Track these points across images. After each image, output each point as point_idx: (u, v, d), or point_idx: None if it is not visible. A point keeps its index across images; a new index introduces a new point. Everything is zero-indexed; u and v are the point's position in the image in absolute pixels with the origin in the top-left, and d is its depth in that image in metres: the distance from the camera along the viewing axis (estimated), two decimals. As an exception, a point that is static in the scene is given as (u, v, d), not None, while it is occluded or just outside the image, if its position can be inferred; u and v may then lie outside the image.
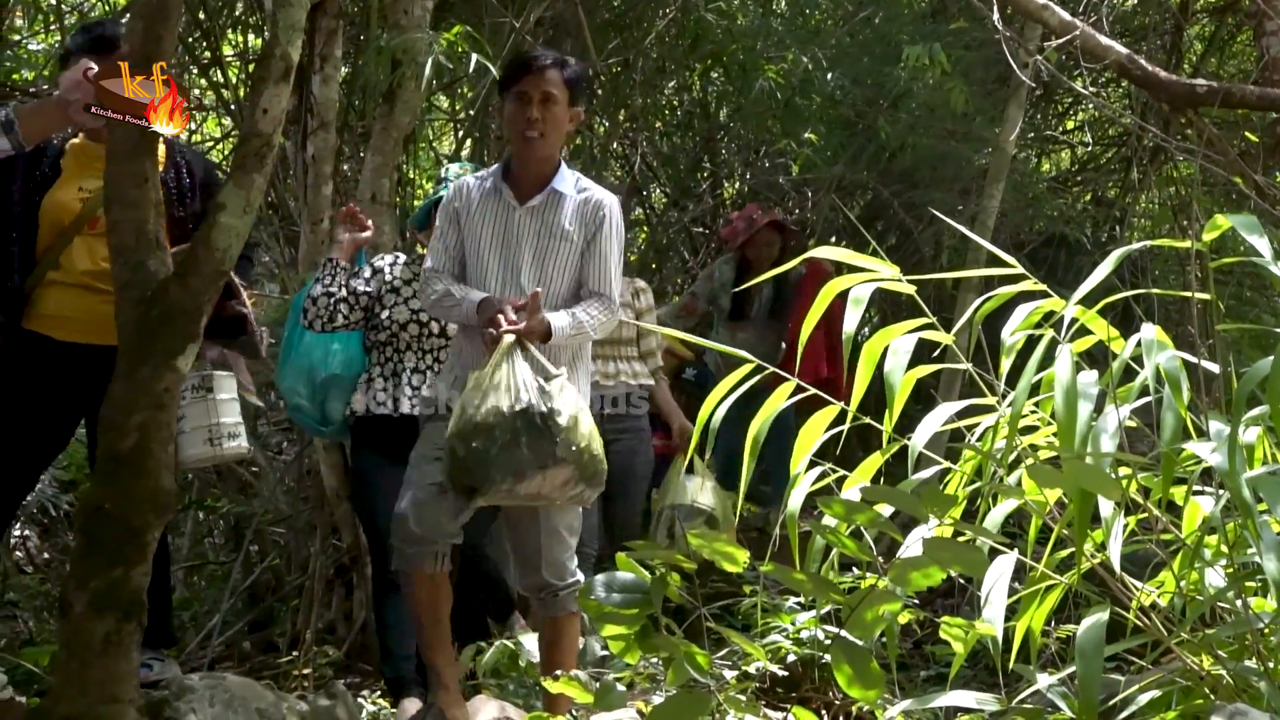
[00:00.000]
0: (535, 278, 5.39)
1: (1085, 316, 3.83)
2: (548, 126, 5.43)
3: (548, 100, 5.41)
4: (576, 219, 5.46)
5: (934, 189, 9.89)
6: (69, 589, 4.43)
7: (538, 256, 5.43)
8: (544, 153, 5.49)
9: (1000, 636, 3.71)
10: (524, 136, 5.43)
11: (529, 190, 5.50)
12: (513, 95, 5.45)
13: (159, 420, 4.40)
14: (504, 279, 5.41)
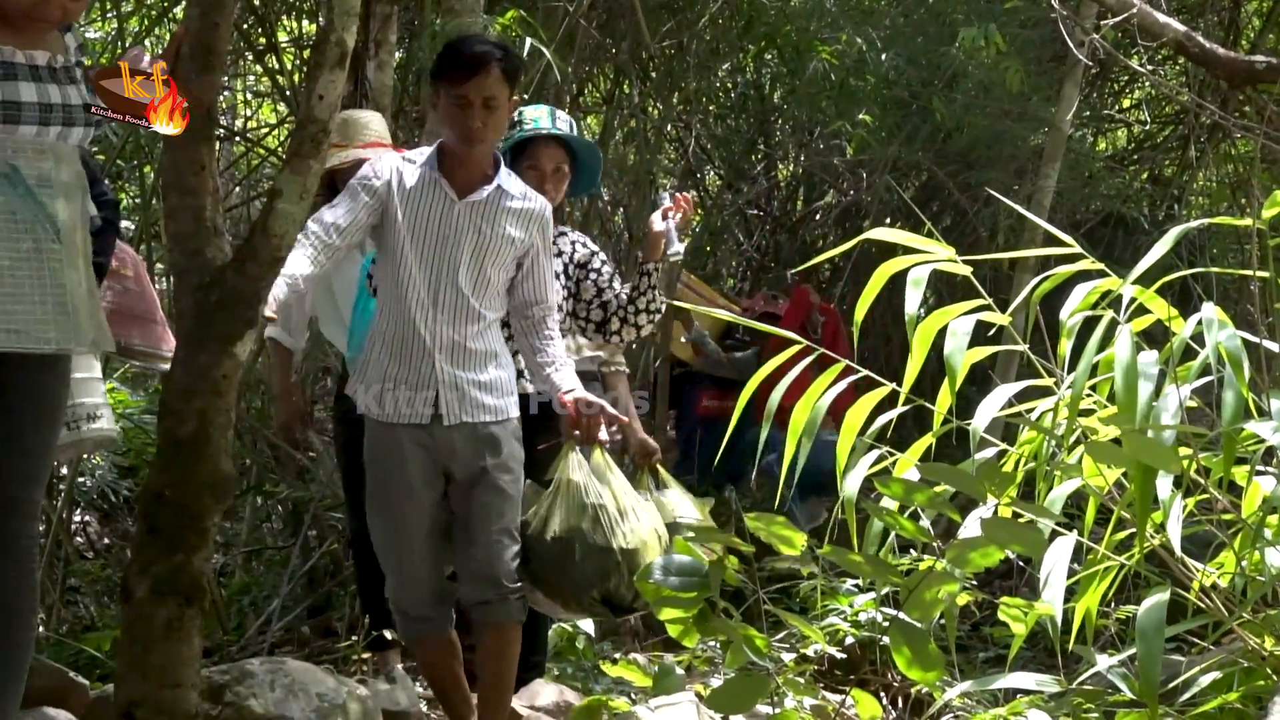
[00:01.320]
0: (473, 277, 5.09)
1: (1143, 296, 3.81)
2: (490, 131, 5.08)
3: (490, 104, 5.03)
4: (519, 222, 5.16)
5: (989, 169, 9.87)
6: (130, 574, 4.45)
7: (476, 255, 5.10)
8: (486, 153, 5.16)
9: (1060, 618, 3.69)
10: (466, 141, 5.06)
11: (468, 184, 5.14)
12: (452, 97, 5.04)
13: (218, 406, 4.41)
14: (436, 275, 5.05)
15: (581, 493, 4.94)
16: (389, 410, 5.04)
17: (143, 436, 9.68)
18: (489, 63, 5.01)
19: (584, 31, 8.92)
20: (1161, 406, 3.52)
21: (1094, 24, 8.39)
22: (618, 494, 4.99)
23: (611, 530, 4.86)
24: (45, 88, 4.10)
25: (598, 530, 4.88)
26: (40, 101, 4.08)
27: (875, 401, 3.92)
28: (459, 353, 5.06)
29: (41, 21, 4.07)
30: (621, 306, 5.84)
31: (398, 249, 5.07)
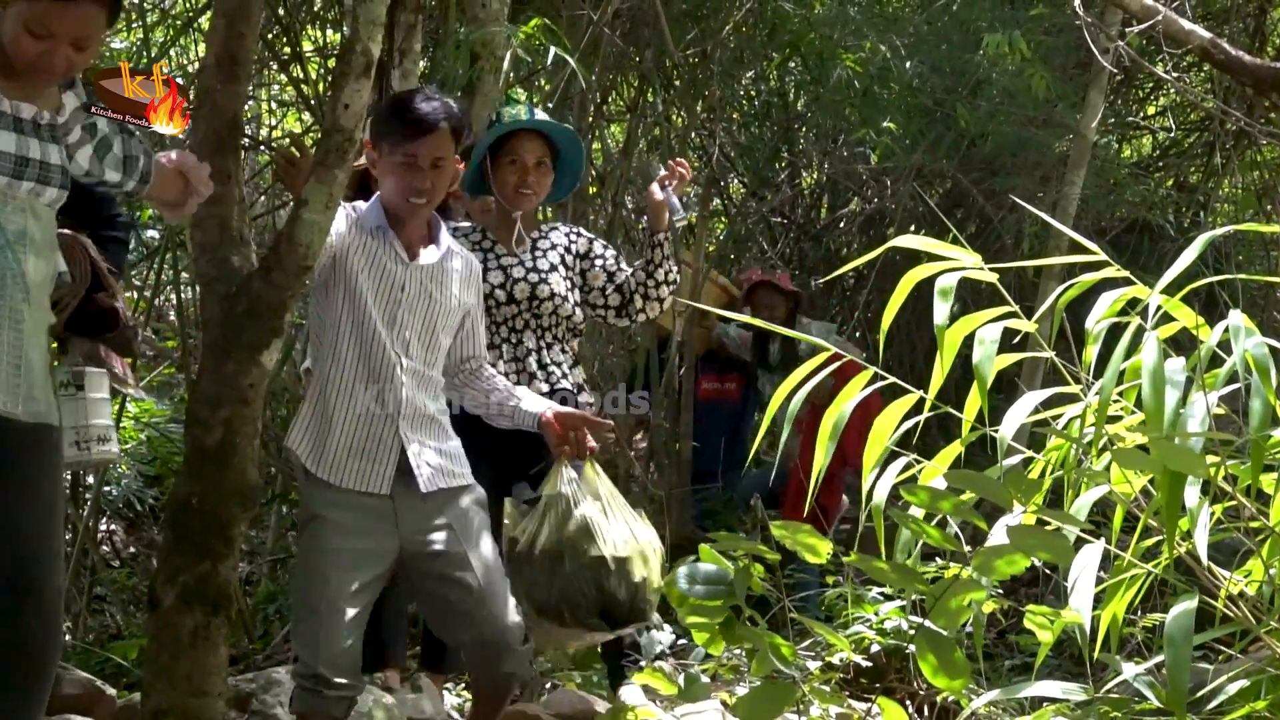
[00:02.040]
0: (425, 343, 4.84)
1: (1170, 303, 3.80)
2: (436, 192, 4.88)
3: (438, 164, 4.83)
4: (465, 285, 4.99)
5: (1014, 176, 9.87)
6: (157, 583, 4.47)
7: (428, 323, 4.86)
8: (429, 215, 4.94)
9: (1087, 625, 3.68)
10: (410, 202, 4.83)
11: (413, 246, 4.90)
12: (400, 154, 4.80)
13: (244, 415, 4.43)
14: (392, 340, 4.76)
15: (570, 505, 4.78)
16: (345, 479, 4.68)
17: (168, 446, 9.71)
18: (438, 122, 4.82)
19: (608, 40, 8.92)
20: (1189, 413, 3.51)
21: (1119, 31, 8.38)
22: (609, 504, 4.85)
23: (603, 539, 4.72)
24: (26, 140, 3.94)
25: (588, 541, 4.72)
26: (17, 154, 3.91)
27: (904, 409, 3.91)
28: (420, 420, 4.79)
29: (46, 74, 3.94)
30: (640, 284, 5.81)
31: (357, 309, 4.76)
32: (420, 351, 4.82)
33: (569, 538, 4.73)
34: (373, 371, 4.74)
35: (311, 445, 4.71)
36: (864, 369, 3.93)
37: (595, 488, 4.83)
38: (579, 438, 4.88)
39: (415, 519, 4.69)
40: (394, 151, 4.82)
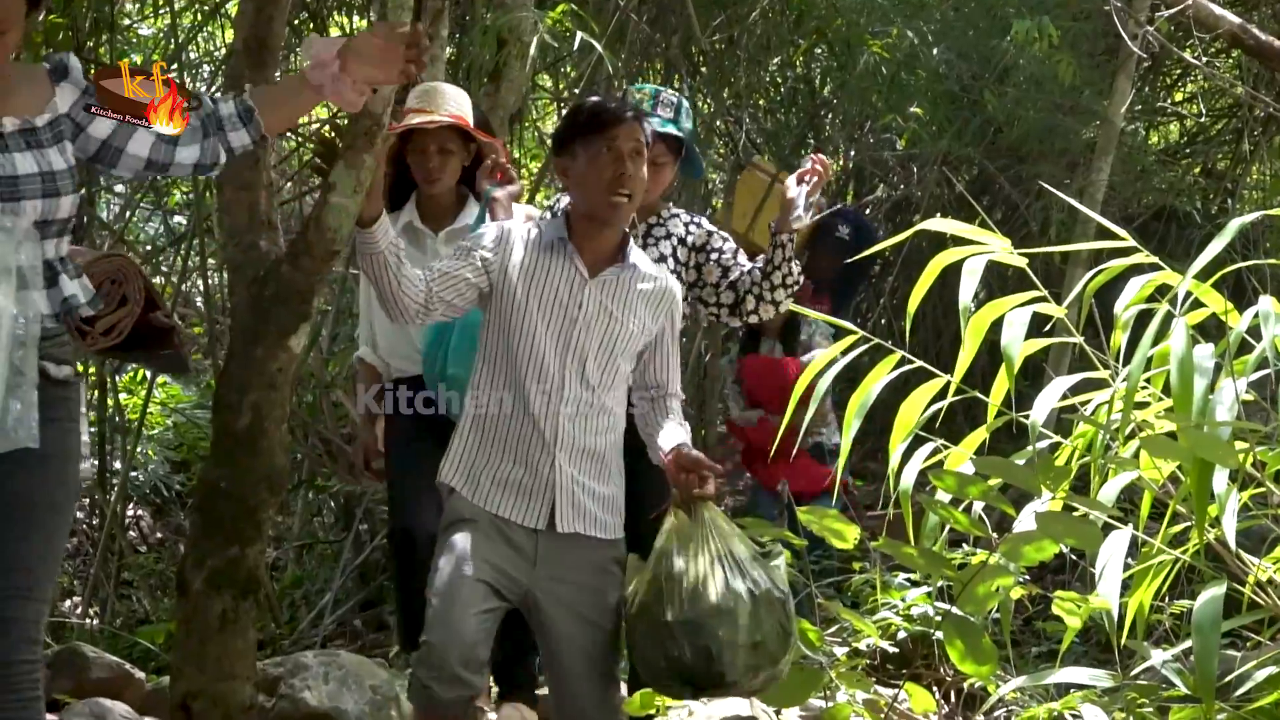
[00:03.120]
0: (601, 367, 4.45)
1: (1198, 289, 3.79)
2: (637, 186, 4.46)
3: (637, 155, 4.45)
4: (652, 306, 4.55)
5: (1041, 163, 9.83)
6: (186, 567, 4.49)
7: (606, 343, 4.47)
8: (629, 214, 4.55)
9: (1115, 612, 3.68)
10: (612, 198, 4.43)
11: (598, 259, 4.51)
12: (594, 148, 4.45)
13: (273, 400, 4.44)
14: (563, 363, 4.41)
15: (658, 563, 4.33)
16: (497, 508, 4.36)
17: (195, 431, 9.73)
18: (637, 112, 4.53)
19: (634, 26, 8.92)
20: (1217, 400, 3.50)
21: (1148, 16, 8.35)
22: (714, 554, 4.29)
23: (673, 601, 4.22)
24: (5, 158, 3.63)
25: (659, 603, 4.25)
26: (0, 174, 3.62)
27: (931, 394, 3.91)
28: (581, 454, 4.43)
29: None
30: (755, 283, 5.39)
31: (521, 327, 4.43)
32: (595, 375, 4.44)
33: (648, 601, 4.31)
34: (535, 397, 4.40)
35: (465, 478, 4.41)
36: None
37: (702, 536, 4.31)
38: (687, 480, 4.33)
39: (549, 561, 4.35)
40: (589, 147, 4.44)
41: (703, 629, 4.14)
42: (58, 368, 3.72)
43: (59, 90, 3.74)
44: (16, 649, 3.62)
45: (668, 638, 4.19)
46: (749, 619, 4.14)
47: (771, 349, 8.31)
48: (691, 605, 4.17)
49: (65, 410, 3.76)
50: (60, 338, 3.73)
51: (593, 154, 4.41)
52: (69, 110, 3.74)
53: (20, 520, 3.65)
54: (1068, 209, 8.85)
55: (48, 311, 3.68)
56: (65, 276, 3.73)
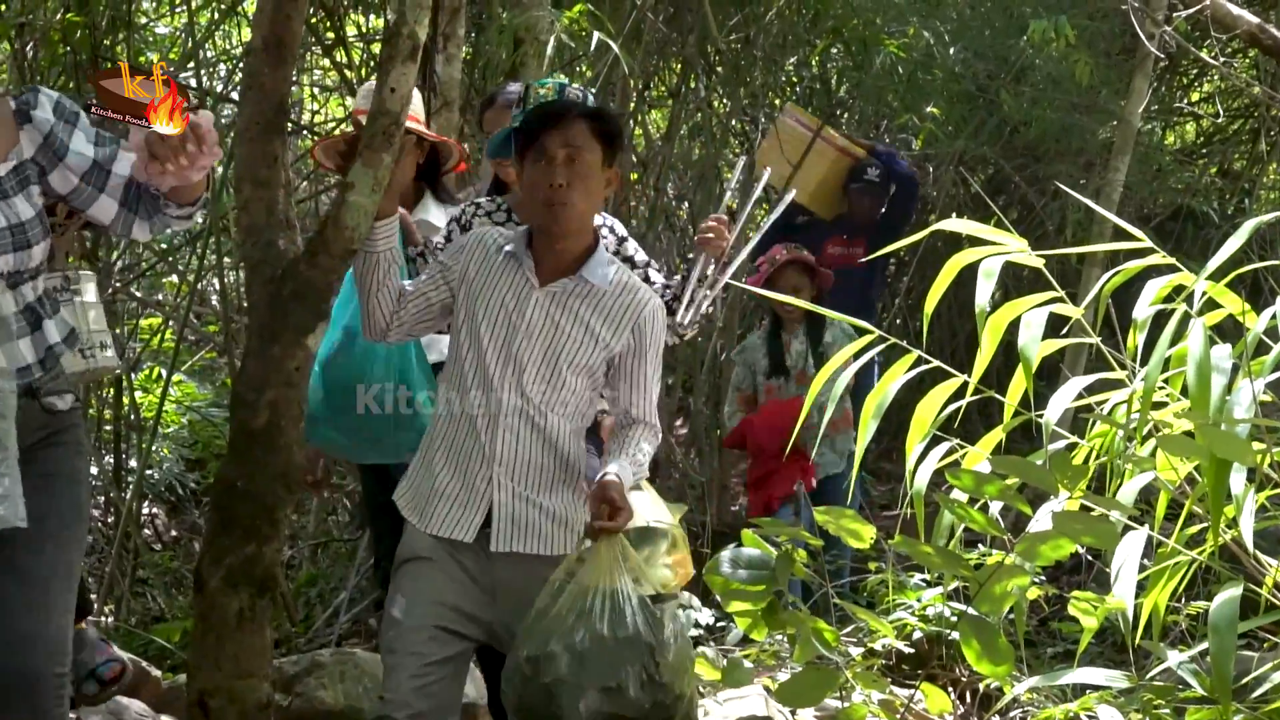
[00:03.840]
0: (544, 378, 4.26)
1: (1215, 290, 3.79)
2: (575, 192, 4.25)
3: (574, 159, 4.26)
4: (610, 321, 4.32)
5: (1057, 163, 9.83)
6: (203, 565, 4.50)
7: (549, 355, 4.27)
8: (574, 225, 4.31)
9: (1131, 612, 3.67)
10: (547, 207, 4.25)
11: (556, 268, 4.33)
12: (531, 156, 4.28)
13: (290, 397, 4.45)
14: (503, 373, 4.25)
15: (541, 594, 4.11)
16: (434, 524, 4.24)
17: (210, 429, 9.76)
18: (572, 112, 4.31)
19: (651, 25, 8.92)
20: (1235, 401, 3.50)
21: (1164, 16, 8.34)
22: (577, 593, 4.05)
23: (529, 634, 4.02)
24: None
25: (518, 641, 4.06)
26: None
27: (947, 394, 3.91)
28: (526, 468, 4.26)
29: None
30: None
31: (470, 334, 4.32)
32: (535, 387, 4.26)
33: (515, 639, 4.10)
34: (478, 406, 4.27)
35: (414, 495, 4.32)
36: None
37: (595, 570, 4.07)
38: (598, 512, 4.08)
39: (508, 592, 4.20)
40: (529, 155, 4.30)
41: (547, 667, 3.94)
42: (61, 399, 3.78)
43: (24, 133, 3.69)
44: (43, 664, 3.61)
45: (515, 672, 4.01)
46: (601, 662, 3.92)
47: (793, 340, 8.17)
48: (541, 641, 3.98)
49: (72, 435, 3.81)
50: (54, 371, 3.75)
51: (529, 167, 4.30)
52: (34, 155, 3.69)
53: (32, 538, 3.62)
54: (1084, 209, 8.84)
55: (33, 360, 3.66)
56: (50, 321, 3.72)
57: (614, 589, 4.01)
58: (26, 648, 3.59)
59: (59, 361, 3.73)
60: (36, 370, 3.65)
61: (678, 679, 4.01)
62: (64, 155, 3.71)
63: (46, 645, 3.62)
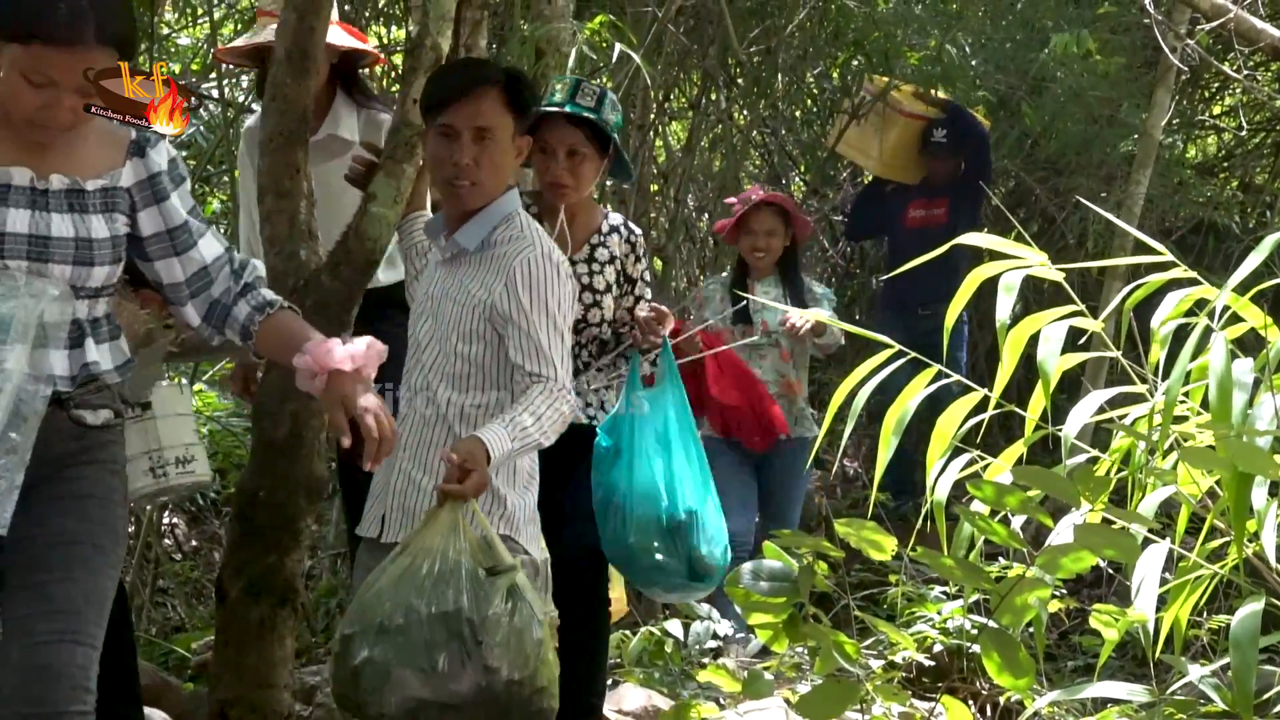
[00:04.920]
0: (438, 349, 4.12)
1: (1237, 303, 3.78)
2: (483, 171, 4.09)
3: (484, 135, 4.08)
4: (487, 272, 4.11)
5: (1078, 176, 9.82)
6: (224, 575, 4.51)
7: (441, 326, 4.13)
8: (478, 203, 4.15)
9: (1152, 626, 3.67)
10: (451, 185, 4.12)
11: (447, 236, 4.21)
12: (436, 127, 4.13)
13: (311, 408, 4.46)
14: (414, 351, 4.20)
15: None
16: (362, 526, 4.17)
17: (230, 439, 9.77)
18: (482, 84, 4.10)
19: (671, 36, 8.93)
20: (1256, 415, 3.49)
21: (1187, 29, 8.33)
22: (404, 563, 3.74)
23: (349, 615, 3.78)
24: (41, 216, 3.49)
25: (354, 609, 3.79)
26: (32, 233, 3.47)
27: (967, 408, 3.91)
28: (418, 450, 4.10)
29: (48, 128, 3.47)
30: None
31: None
32: (434, 364, 4.12)
33: None
34: (402, 393, 4.21)
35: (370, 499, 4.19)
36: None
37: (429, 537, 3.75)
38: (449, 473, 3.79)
39: None
40: (432, 125, 4.15)
41: (355, 647, 3.65)
42: (94, 414, 3.61)
43: (130, 163, 3.63)
44: (67, 700, 3.40)
45: (337, 653, 3.74)
46: (416, 639, 3.60)
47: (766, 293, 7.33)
48: (361, 617, 3.69)
49: (107, 453, 3.66)
50: (91, 385, 3.59)
51: (433, 134, 4.13)
52: (131, 185, 3.63)
53: (62, 561, 3.48)
54: (1105, 222, 8.83)
55: (64, 373, 3.54)
56: (92, 340, 3.59)
57: (443, 560, 3.67)
58: (48, 681, 3.38)
59: (96, 379, 3.59)
60: (64, 384, 3.53)
61: (514, 663, 3.65)
62: (163, 201, 3.65)
63: (70, 680, 3.41)
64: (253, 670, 4.44)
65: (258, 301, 3.70)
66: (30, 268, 3.45)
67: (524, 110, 4.15)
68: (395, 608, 3.61)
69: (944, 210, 8.90)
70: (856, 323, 9.75)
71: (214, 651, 4.60)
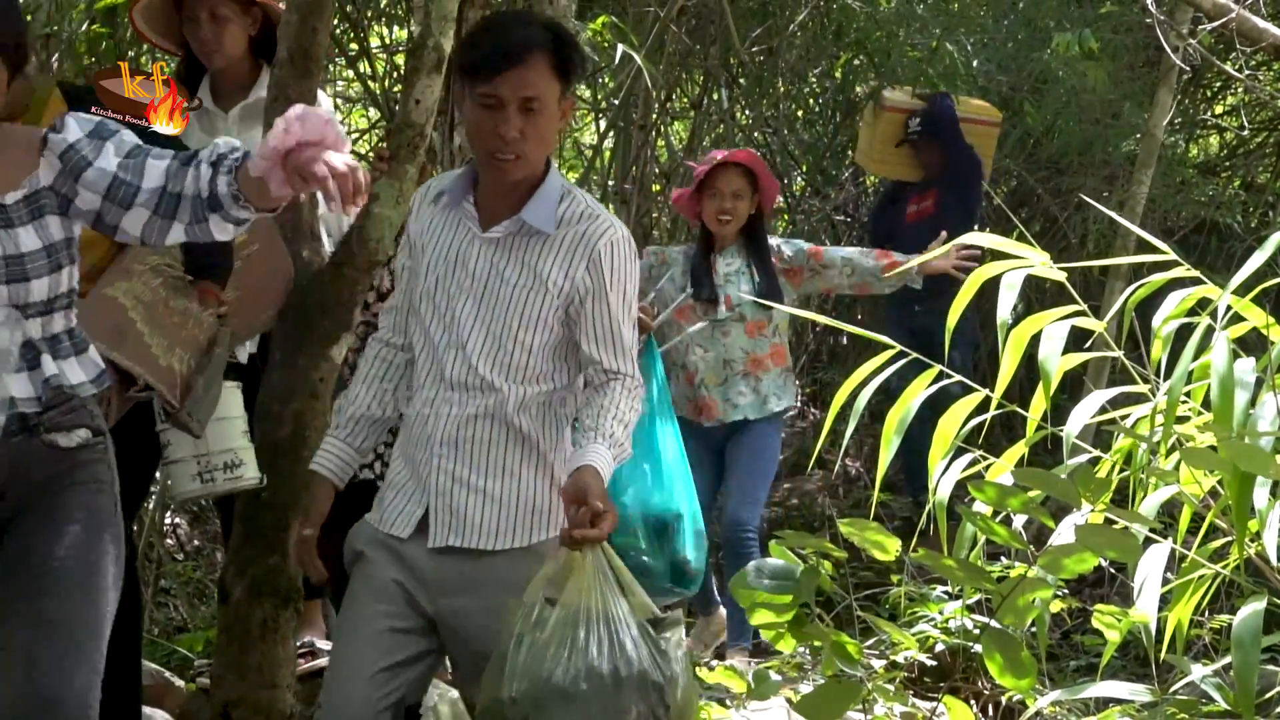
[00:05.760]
0: (493, 338, 3.73)
1: (1239, 304, 3.78)
2: (530, 142, 3.70)
3: (530, 105, 3.67)
4: (562, 258, 3.75)
5: (1080, 175, 9.82)
6: (227, 576, 4.51)
7: (496, 310, 3.74)
8: (524, 171, 3.74)
9: (1154, 626, 3.67)
10: (496, 154, 3.70)
11: (497, 213, 3.78)
12: (477, 97, 3.68)
13: (315, 409, 4.47)
14: (449, 338, 3.75)
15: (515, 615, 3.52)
16: (378, 515, 3.80)
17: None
18: (531, 50, 3.67)
19: (674, 37, 8.93)
20: (1259, 415, 3.49)
21: (1189, 28, 8.34)
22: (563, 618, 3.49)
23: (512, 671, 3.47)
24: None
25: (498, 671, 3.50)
26: None
27: (969, 408, 3.91)
28: (472, 450, 3.74)
29: None
30: None
31: (420, 301, 3.82)
32: (480, 351, 3.73)
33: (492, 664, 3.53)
34: (426, 382, 3.80)
35: (384, 488, 3.89)
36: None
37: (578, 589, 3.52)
38: (578, 517, 3.55)
39: (446, 588, 3.70)
40: (473, 94, 3.71)
41: (539, 712, 3.42)
42: (67, 435, 3.45)
43: (44, 158, 3.41)
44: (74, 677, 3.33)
45: (491, 714, 3.48)
46: (603, 707, 3.42)
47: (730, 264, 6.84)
48: (531, 681, 3.43)
49: (88, 473, 3.50)
50: (63, 407, 3.44)
51: (474, 105, 3.71)
52: (52, 183, 3.40)
53: (54, 584, 3.38)
54: (1107, 221, 8.83)
55: (24, 395, 3.39)
56: (49, 356, 3.42)
57: (607, 614, 3.48)
58: (49, 709, 3.29)
59: (68, 396, 3.44)
60: (29, 405, 3.39)
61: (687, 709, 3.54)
62: (83, 172, 3.38)
63: (71, 706, 3.31)
64: (255, 670, 4.44)
65: (229, 164, 3.35)
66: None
67: (571, 75, 3.76)
68: (572, 669, 3.41)
69: (932, 202, 8.85)
70: (857, 322, 9.75)
71: (216, 652, 4.60)
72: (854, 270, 6.84)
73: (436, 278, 3.77)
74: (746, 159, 6.92)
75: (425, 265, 3.79)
